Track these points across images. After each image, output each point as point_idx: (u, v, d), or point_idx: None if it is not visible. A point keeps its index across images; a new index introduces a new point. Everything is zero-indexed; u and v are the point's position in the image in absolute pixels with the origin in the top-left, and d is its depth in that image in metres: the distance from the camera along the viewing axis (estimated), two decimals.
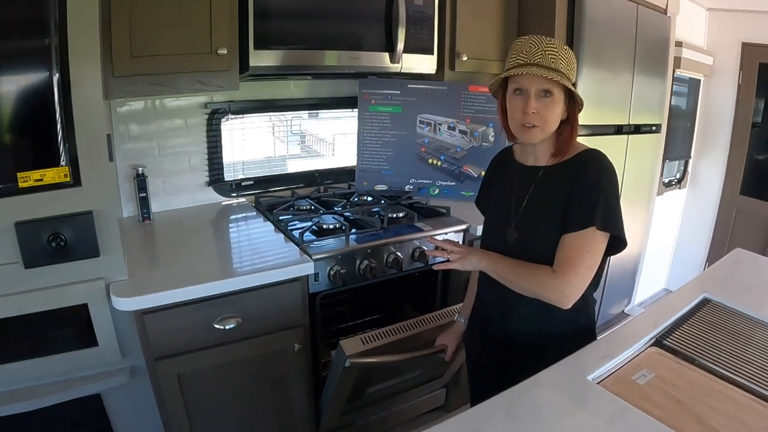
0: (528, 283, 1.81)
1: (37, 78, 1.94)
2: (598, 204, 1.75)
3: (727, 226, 5.66)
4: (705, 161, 5.76)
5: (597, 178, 1.78)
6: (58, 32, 1.92)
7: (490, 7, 3.49)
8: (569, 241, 1.77)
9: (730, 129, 5.49)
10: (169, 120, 3.12)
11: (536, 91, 1.77)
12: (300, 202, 3.23)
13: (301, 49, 2.79)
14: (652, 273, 5.65)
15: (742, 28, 5.25)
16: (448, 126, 3.43)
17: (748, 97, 5.33)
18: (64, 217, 2.01)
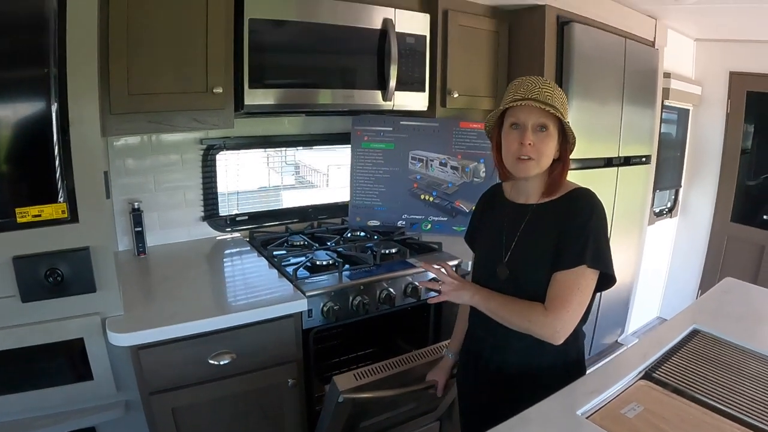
0: (520, 320, 1.83)
1: (36, 116, 1.97)
2: (588, 243, 1.79)
3: (719, 253, 5.71)
4: (695, 190, 5.83)
5: (587, 218, 1.82)
6: (57, 71, 1.96)
7: (480, 44, 3.56)
8: (560, 278, 1.80)
9: (720, 157, 5.58)
10: (165, 155, 3.15)
11: (533, 124, 1.82)
12: (294, 238, 3.25)
13: (294, 88, 2.86)
14: (645, 302, 5.69)
15: (730, 58, 5.36)
16: (439, 162, 3.47)
17: (736, 125, 5.43)
18: (61, 253, 2.03)
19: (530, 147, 1.83)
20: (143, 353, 2.15)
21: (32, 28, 1.93)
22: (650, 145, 4.67)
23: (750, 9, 3.93)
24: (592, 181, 3.84)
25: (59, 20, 1.94)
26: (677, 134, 5.66)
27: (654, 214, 5.40)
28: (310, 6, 2.84)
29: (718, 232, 5.72)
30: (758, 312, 2.46)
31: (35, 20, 1.93)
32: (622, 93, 4.12)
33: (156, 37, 2.47)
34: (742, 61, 5.28)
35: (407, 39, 3.13)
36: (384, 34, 3.03)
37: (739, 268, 5.45)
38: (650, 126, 4.60)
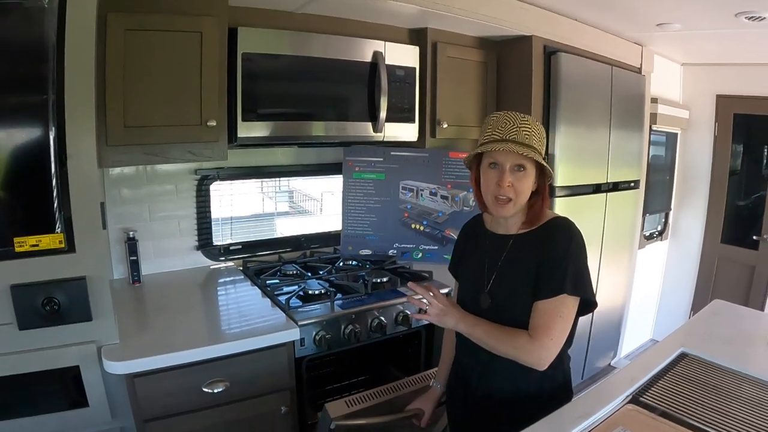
0: (505, 347, 1.87)
1: (34, 147, 2.01)
2: (568, 271, 1.83)
3: (710, 274, 5.78)
4: (685, 212, 5.92)
5: (566, 247, 1.86)
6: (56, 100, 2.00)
7: (469, 75, 3.64)
8: (542, 307, 1.84)
9: (709, 179, 5.68)
10: (160, 185, 3.19)
11: (511, 165, 1.86)
12: (286, 267, 3.28)
13: (287, 120, 2.92)
14: (638, 325, 5.73)
15: (716, 81, 5.48)
16: (430, 191, 3.52)
17: (724, 147, 5.53)
18: (58, 282, 2.07)
19: (508, 188, 1.87)
20: (138, 381, 2.17)
21: (31, 56, 1.98)
22: (639, 170, 4.74)
23: (734, 34, 4.02)
24: (581, 208, 3.95)
25: (58, 51, 1.99)
26: (666, 158, 5.75)
27: (644, 238, 5.46)
28: (302, 40, 2.91)
29: (708, 254, 5.80)
30: (746, 334, 2.47)
31: (35, 49, 1.98)
32: (609, 119, 4.19)
33: (151, 71, 2.53)
34: (729, 84, 5.40)
35: (397, 71, 3.20)
36: (374, 67, 3.11)
37: (731, 288, 5.53)
38: (638, 151, 4.68)
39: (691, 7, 3.47)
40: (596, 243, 4.29)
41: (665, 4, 3.49)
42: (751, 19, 3.51)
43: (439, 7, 3.03)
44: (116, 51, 2.43)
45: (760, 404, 1.83)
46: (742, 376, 2.03)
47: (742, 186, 5.68)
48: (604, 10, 3.68)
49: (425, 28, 3.40)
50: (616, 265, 4.64)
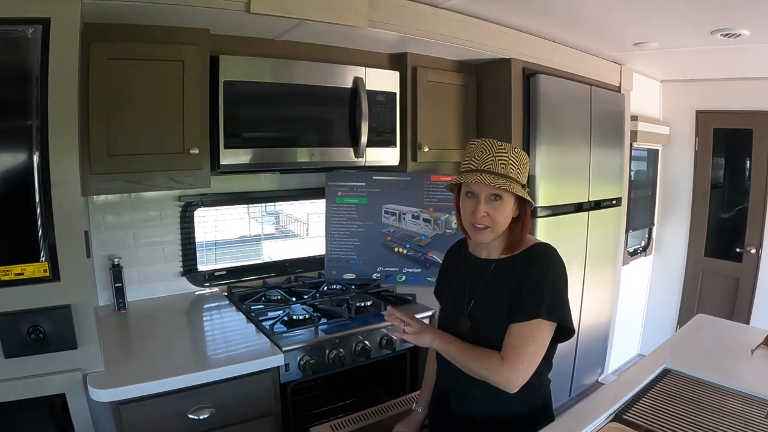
0: (477, 367, 1.88)
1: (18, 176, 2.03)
2: (545, 296, 1.85)
3: (695, 288, 5.82)
4: (668, 227, 5.97)
5: (544, 272, 1.89)
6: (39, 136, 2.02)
7: (449, 98, 3.68)
8: (516, 330, 1.86)
9: (691, 194, 5.73)
10: (144, 211, 3.20)
11: (486, 195, 1.89)
12: (271, 293, 3.28)
13: (269, 147, 2.95)
14: (625, 340, 5.75)
15: (695, 97, 5.55)
16: (412, 215, 3.54)
17: (705, 162, 5.59)
18: (43, 310, 2.07)
19: (484, 217, 1.90)
20: (124, 408, 2.17)
21: (15, 84, 2.01)
22: (620, 188, 4.79)
23: (710, 51, 4.09)
24: (563, 227, 3.99)
25: (41, 79, 2.01)
26: (647, 174, 5.81)
27: (628, 254, 5.50)
28: (283, 67, 2.95)
29: (692, 267, 5.85)
30: (729, 347, 2.49)
31: (18, 78, 2.01)
32: (589, 138, 4.24)
33: (134, 99, 2.56)
34: (708, 100, 5.48)
35: (378, 96, 3.23)
36: (355, 93, 3.14)
37: (716, 301, 5.58)
38: (619, 169, 4.73)
39: (667, 26, 3.54)
40: (579, 261, 4.33)
41: (641, 25, 3.55)
42: (727, 36, 3.58)
43: (419, 33, 3.07)
44: (99, 79, 2.45)
45: (744, 418, 1.85)
46: (726, 390, 2.05)
47: (724, 199, 5.75)
48: (581, 31, 3.74)
49: (405, 53, 3.44)
50: (601, 282, 4.66)
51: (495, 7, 3.22)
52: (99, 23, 2.45)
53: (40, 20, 2.03)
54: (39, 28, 2.03)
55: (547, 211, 3.89)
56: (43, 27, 2.03)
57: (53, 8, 2.04)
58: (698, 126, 5.62)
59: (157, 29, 2.61)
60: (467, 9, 3.23)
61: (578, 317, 4.37)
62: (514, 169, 1.89)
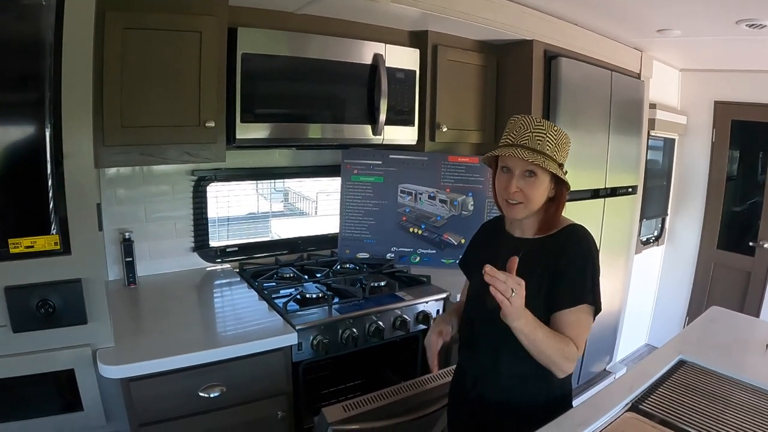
0: (557, 355, 1.80)
1: (30, 148, 2.00)
2: (587, 281, 1.84)
3: (706, 280, 5.79)
4: (682, 218, 5.93)
5: (585, 256, 1.88)
6: (52, 106, 1.99)
7: (468, 78, 3.62)
8: (575, 317, 1.84)
9: (706, 185, 5.69)
10: (156, 185, 3.17)
11: (520, 171, 1.86)
12: (283, 270, 3.27)
13: (286, 122, 2.90)
14: (633, 329, 5.73)
15: (714, 88, 5.48)
16: (428, 195, 3.50)
17: (721, 154, 5.54)
18: (53, 284, 2.05)
19: (516, 193, 1.87)
20: (134, 385, 2.15)
21: (28, 54, 1.97)
22: (636, 176, 4.75)
23: (733, 41, 4.03)
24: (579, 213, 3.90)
25: (55, 48, 1.98)
26: (663, 163, 5.76)
27: (641, 243, 5.47)
28: (302, 41, 2.89)
29: (704, 259, 5.81)
30: (744, 341, 2.49)
31: (32, 47, 1.97)
32: (608, 124, 4.19)
33: (150, 70, 2.51)
34: (727, 91, 5.41)
35: (397, 74, 3.19)
36: (374, 69, 3.09)
37: (726, 294, 5.55)
38: (636, 156, 4.68)
39: (693, 14, 3.47)
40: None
41: (667, 11, 3.49)
42: (752, 26, 3.51)
43: (441, 10, 3.01)
44: (114, 49, 2.40)
45: (757, 411, 1.84)
46: (740, 384, 2.04)
47: (738, 192, 5.70)
48: (606, 15, 3.67)
49: (426, 30, 3.39)
50: (613, 270, 4.64)
51: None
52: None
53: None
54: None
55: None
56: None
57: None
58: (716, 117, 5.56)
59: None
60: None
61: None
62: (552, 147, 1.86)
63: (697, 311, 5.55)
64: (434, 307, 2.96)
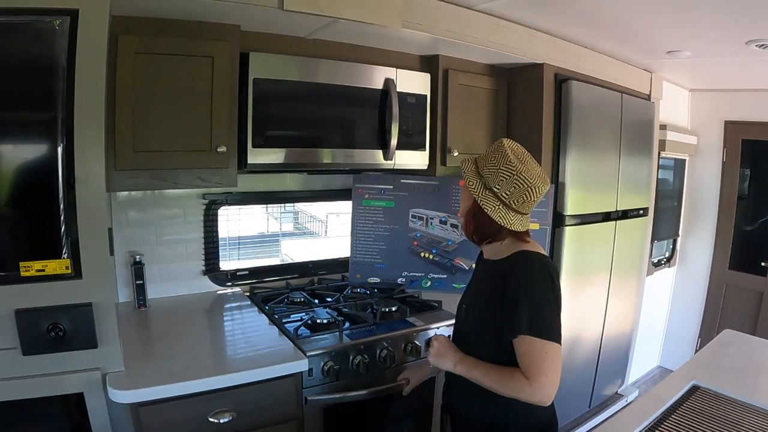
0: (505, 390, 1.88)
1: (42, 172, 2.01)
2: (521, 311, 1.83)
3: (718, 301, 5.75)
4: (693, 239, 5.91)
5: (523, 285, 1.87)
6: (65, 129, 2.00)
7: (479, 102, 3.63)
8: (523, 349, 1.84)
9: (717, 206, 5.67)
10: (167, 209, 3.18)
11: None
12: (294, 294, 3.25)
13: (297, 147, 2.91)
14: (645, 351, 5.70)
15: (724, 107, 5.49)
16: (439, 220, 3.50)
17: (732, 173, 5.53)
18: (63, 308, 2.05)
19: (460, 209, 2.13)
20: (143, 410, 2.14)
21: (41, 77, 2.00)
22: (647, 197, 4.74)
23: (742, 61, 4.04)
24: (590, 236, 3.95)
25: (68, 72, 2.00)
26: (674, 184, 5.76)
27: (652, 265, 5.44)
28: (313, 66, 2.91)
29: (716, 280, 5.78)
30: (757, 364, 2.49)
31: (45, 70, 1.99)
32: (619, 146, 4.19)
33: (162, 95, 2.53)
34: (737, 110, 5.42)
35: (408, 98, 3.19)
36: (385, 94, 3.10)
37: (739, 315, 5.51)
38: (647, 178, 4.69)
39: (703, 35, 3.49)
40: (605, 270, 4.29)
41: (677, 33, 3.50)
42: (762, 47, 3.52)
43: (451, 35, 3.03)
44: (126, 74, 2.42)
45: None
46: (755, 409, 2.03)
47: (750, 211, 5.67)
48: (616, 37, 3.69)
49: (437, 55, 3.40)
50: (624, 292, 4.61)
51: (529, 12, 3.18)
52: (127, 16, 2.43)
53: (68, 11, 2.01)
54: (67, 20, 2.01)
55: (575, 220, 3.85)
56: (71, 19, 2.01)
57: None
58: (726, 137, 5.57)
59: (186, 24, 2.58)
60: (502, 12, 3.19)
61: (601, 327, 4.34)
62: (490, 169, 1.93)
63: (710, 332, 5.54)
64: (446, 333, 2.92)
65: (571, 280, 3.86)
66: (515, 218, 1.93)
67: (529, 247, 1.97)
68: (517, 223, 1.93)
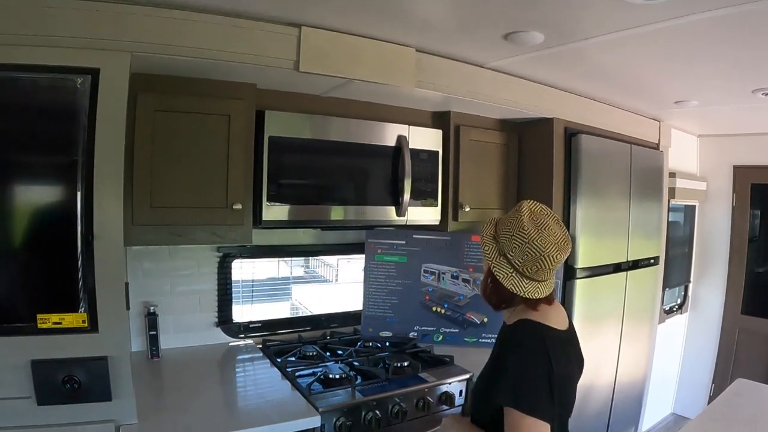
0: None
1: (61, 227, 2.06)
2: (503, 382, 1.78)
3: (731, 346, 5.70)
4: (704, 284, 5.89)
5: (510, 356, 1.82)
6: (84, 185, 2.06)
7: (490, 157, 3.68)
8: (507, 421, 1.76)
9: (728, 251, 5.67)
10: (182, 260, 3.21)
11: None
12: (306, 348, 3.24)
13: (311, 204, 2.96)
14: (658, 398, 5.63)
15: (733, 152, 5.55)
16: (451, 275, 3.51)
17: (742, 218, 5.55)
18: (79, 360, 2.07)
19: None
20: None
21: (61, 137, 2.08)
22: (658, 246, 4.75)
23: (749, 108, 4.10)
24: (601, 288, 3.95)
25: (88, 131, 2.07)
26: (684, 230, 5.77)
27: (664, 312, 5.41)
28: (328, 124, 2.98)
29: (729, 325, 5.74)
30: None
31: (65, 130, 2.07)
32: (629, 196, 4.22)
33: (179, 152, 2.58)
34: (745, 155, 5.47)
35: (420, 155, 3.25)
36: (398, 151, 3.15)
37: (752, 360, 5.47)
38: (657, 226, 4.71)
39: (710, 86, 3.54)
40: (616, 319, 4.28)
41: (684, 84, 3.55)
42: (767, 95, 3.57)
43: (463, 93, 3.09)
44: (145, 131, 2.48)
45: None
46: None
47: (761, 253, 5.66)
48: (624, 90, 3.75)
49: (448, 111, 3.46)
50: (636, 340, 4.59)
51: (539, 68, 3.23)
52: (146, 73, 2.49)
53: (89, 70, 2.08)
54: (88, 79, 2.08)
55: (586, 273, 3.85)
56: (92, 77, 2.08)
57: (103, 59, 2.09)
58: (735, 181, 5.60)
59: (204, 82, 2.65)
60: (511, 69, 3.25)
61: (614, 374, 4.31)
62: (505, 232, 1.90)
63: (723, 379, 5.49)
64: (457, 388, 2.93)
65: (581, 327, 3.82)
66: (529, 285, 1.87)
67: (536, 316, 1.90)
68: (532, 290, 1.87)
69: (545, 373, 1.76)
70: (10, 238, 2.06)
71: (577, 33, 2.56)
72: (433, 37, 2.72)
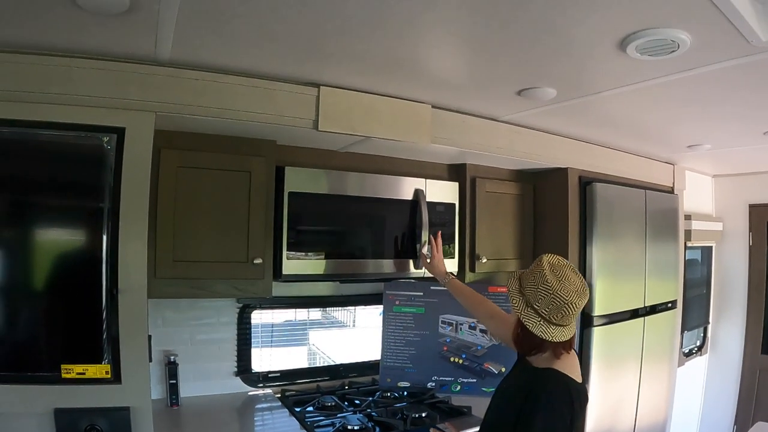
0: None
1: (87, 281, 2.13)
2: (534, 426, 1.90)
3: (752, 387, 5.62)
4: (723, 325, 5.83)
5: (538, 407, 1.94)
6: (109, 240, 2.13)
7: (506, 208, 3.73)
8: None
9: (746, 290, 5.62)
10: (202, 310, 3.24)
11: None
12: (325, 399, 3.25)
13: (330, 258, 3.00)
14: None
15: (747, 191, 5.55)
16: (469, 325, 3.52)
17: (760, 256, 5.51)
18: (102, 410, 2.11)
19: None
20: None
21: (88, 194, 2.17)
22: (675, 289, 4.72)
23: (762, 149, 4.13)
24: (619, 334, 3.94)
25: (114, 188, 2.15)
26: (701, 272, 5.73)
27: (684, 355, 5.35)
28: (347, 180, 3.06)
29: (749, 366, 5.67)
30: None
31: (92, 188, 2.16)
32: (644, 240, 4.23)
33: (201, 207, 2.65)
34: (760, 193, 5.47)
35: (437, 207, 3.30)
36: (415, 204, 3.21)
37: None
38: (674, 270, 4.69)
39: (722, 130, 3.59)
40: (635, 363, 4.26)
41: (697, 129, 3.59)
42: None
43: (478, 146, 3.17)
44: (168, 186, 2.55)
45: None
46: None
47: None
48: (637, 137, 3.82)
49: (464, 164, 3.53)
50: (656, 383, 4.55)
51: (552, 120, 3.30)
52: (170, 131, 2.56)
53: (115, 129, 2.17)
54: (114, 137, 2.16)
55: (603, 320, 3.86)
56: (118, 136, 2.16)
57: (128, 119, 2.18)
58: (751, 220, 5.59)
59: (225, 139, 2.73)
60: (525, 122, 3.32)
61: (633, 418, 4.27)
62: (530, 286, 2.02)
63: (745, 420, 5.42)
64: None
65: (600, 371, 3.85)
66: (556, 331, 1.98)
67: (560, 366, 2.03)
68: (559, 334, 1.98)
69: (569, 425, 1.94)
70: (39, 292, 2.13)
71: (589, 87, 2.63)
72: (448, 94, 2.80)
